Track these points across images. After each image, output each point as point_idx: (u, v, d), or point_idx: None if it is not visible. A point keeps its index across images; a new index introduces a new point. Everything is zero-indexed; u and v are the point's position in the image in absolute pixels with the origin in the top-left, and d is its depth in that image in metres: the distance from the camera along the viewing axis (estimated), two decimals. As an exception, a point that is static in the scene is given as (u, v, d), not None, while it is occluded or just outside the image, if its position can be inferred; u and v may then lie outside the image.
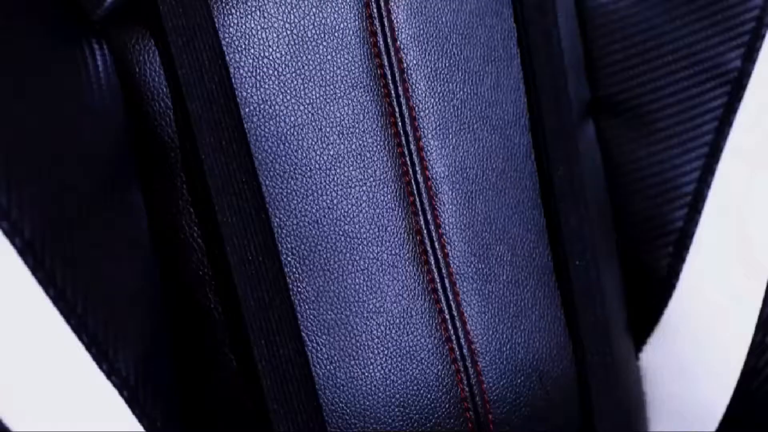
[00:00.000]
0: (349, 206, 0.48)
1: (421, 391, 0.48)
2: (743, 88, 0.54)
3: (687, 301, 0.55)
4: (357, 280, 0.48)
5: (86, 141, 0.43)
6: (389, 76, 0.49)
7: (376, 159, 0.48)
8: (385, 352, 0.48)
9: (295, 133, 0.47)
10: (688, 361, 0.55)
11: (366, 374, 0.48)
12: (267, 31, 0.46)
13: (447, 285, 0.49)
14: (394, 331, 0.48)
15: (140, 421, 0.43)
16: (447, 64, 0.50)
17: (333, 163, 0.48)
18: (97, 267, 0.42)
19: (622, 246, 0.57)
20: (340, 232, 0.48)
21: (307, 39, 0.47)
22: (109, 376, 0.42)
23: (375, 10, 0.48)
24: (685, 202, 0.55)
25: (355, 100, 0.48)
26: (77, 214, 0.42)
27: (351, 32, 0.48)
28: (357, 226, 0.48)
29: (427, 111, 0.49)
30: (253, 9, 0.46)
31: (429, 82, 0.49)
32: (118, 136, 0.45)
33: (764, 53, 0.53)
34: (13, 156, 0.40)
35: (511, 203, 0.51)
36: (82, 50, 0.44)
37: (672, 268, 0.55)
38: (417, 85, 0.49)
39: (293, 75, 0.47)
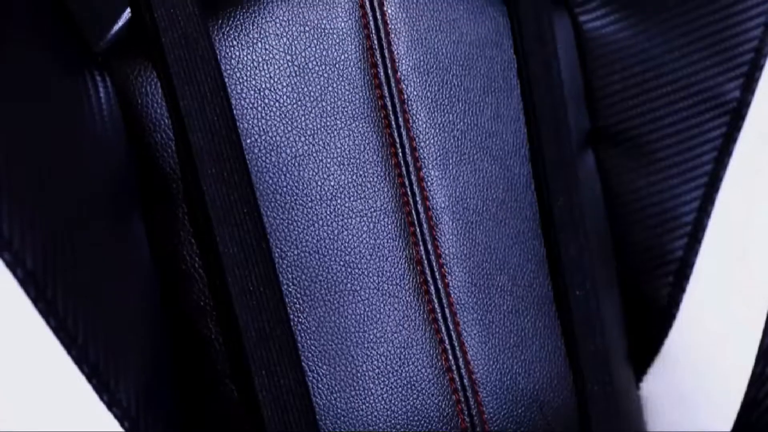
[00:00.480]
0: (350, 236, 0.48)
1: (422, 422, 0.48)
2: (742, 118, 0.54)
3: (687, 331, 0.55)
4: (358, 311, 0.48)
5: (88, 171, 0.43)
6: (390, 107, 0.49)
7: (376, 189, 0.48)
8: (386, 383, 0.48)
9: (297, 164, 0.47)
10: (689, 391, 0.55)
11: (367, 404, 0.48)
12: (268, 63, 0.47)
13: (447, 315, 0.49)
14: (394, 362, 0.48)
15: None
16: (447, 95, 0.50)
17: (334, 193, 0.48)
18: (98, 296, 0.43)
19: (622, 275, 0.57)
20: (341, 263, 0.48)
21: (308, 71, 0.47)
22: (110, 407, 0.42)
23: (376, 42, 0.49)
24: (685, 232, 0.55)
25: (355, 130, 0.48)
26: (79, 243, 0.42)
27: (352, 64, 0.48)
28: (358, 257, 0.48)
29: (427, 142, 0.49)
30: (255, 41, 0.47)
31: (429, 113, 0.50)
32: (120, 166, 0.45)
33: (763, 83, 0.54)
34: (15, 186, 0.40)
35: (511, 233, 0.51)
36: (84, 82, 0.44)
37: (672, 297, 0.55)
38: (417, 115, 0.49)
39: (294, 106, 0.47)
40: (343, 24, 0.48)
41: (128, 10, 0.45)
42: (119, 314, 0.43)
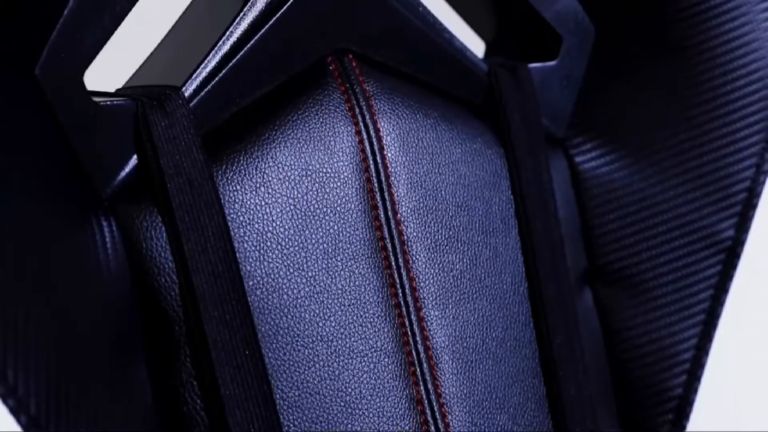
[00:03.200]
0: (351, 377, 0.48)
1: None
2: (737, 256, 0.55)
3: (689, 468, 0.55)
4: (359, 452, 0.48)
5: (91, 315, 0.44)
6: (390, 248, 0.50)
7: (377, 330, 0.49)
8: None
9: (298, 306, 0.48)
10: None
11: None
12: (271, 206, 0.48)
13: (448, 455, 0.49)
14: (395, 503, 0.48)
15: None
16: (446, 236, 0.51)
17: (335, 334, 0.48)
18: (100, 440, 0.43)
19: (622, 413, 0.57)
20: (342, 403, 0.48)
21: (309, 213, 0.48)
22: None
23: (376, 185, 0.50)
24: (683, 369, 0.55)
25: (356, 272, 0.49)
26: (82, 387, 0.42)
27: (353, 206, 0.49)
28: (358, 397, 0.48)
29: (427, 282, 0.50)
30: (258, 185, 0.47)
31: (429, 254, 0.50)
32: (124, 309, 0.45)
33: (757, 223, 0.54)
34: (18, 333, 0.40)
35: (511, 372, 0.52)
36: (90, 226, 0.45)
37: (672, 435, 0.55)
38: (417, 256, 0.50)
39: (296, 248, 0.48)
40: (344, 167, 0.49)
41: (135, 156, 0.46)
42: (121, 457, 0.43)
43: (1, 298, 0.40)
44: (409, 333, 0.49)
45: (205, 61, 0.47)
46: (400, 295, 0.49)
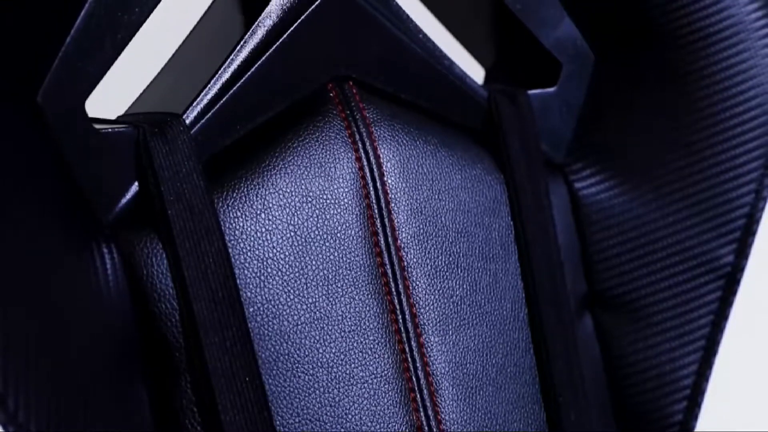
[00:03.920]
0: (351, 403, 0.48)
1: None
2: (737, 282, 0.55)
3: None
4: (359, 478, 0.48)
5: (92, 341, 0.44)
6: (390, 275, 0.50)
7: (377, 356, 0.49)
8: None
9: (298, 332, 0.48)
10: None
11: None
12: (272, 233, 0.48)
13: (448, 482, 0.49)
14: None
15: None
16: (446, 262, 0.51)
17: (335, 360, 0.48)
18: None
19: (623, 439, 0.57)
20: (342, 430, 0.48)
21: (310, 240, 0.48)
22: None
23: (376, 211, 0.50)
24: (683, 396, 0.55)
25: (356, 298, 0.49)
26: (81, 412, 0.42)
27: (353, 233, 0.49)
28: (358, 424, 0.48)
29: (427, 308, 0.50)
30: (258, 212, 0.48)
31: (429, 280, 0.50)
32: (124, 335, 0.45)
33: (756, 249, 0.55)
34: (20, 359, 0.40)
35: (511, 398, 0.52)
36: (91, 254, 0.45)
37: (673, 461, 0.55)
38: (417, 282, 0.50)
39: (296, 275, 0.48)
40: (344, 194, 0.49)
41: (136, 183, 0.46)
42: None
43: (1, 324, 0.40)
44: (409, 359, 0.49)
45: (206, 89, 0.47)
46: (400, 321, 0.50)
